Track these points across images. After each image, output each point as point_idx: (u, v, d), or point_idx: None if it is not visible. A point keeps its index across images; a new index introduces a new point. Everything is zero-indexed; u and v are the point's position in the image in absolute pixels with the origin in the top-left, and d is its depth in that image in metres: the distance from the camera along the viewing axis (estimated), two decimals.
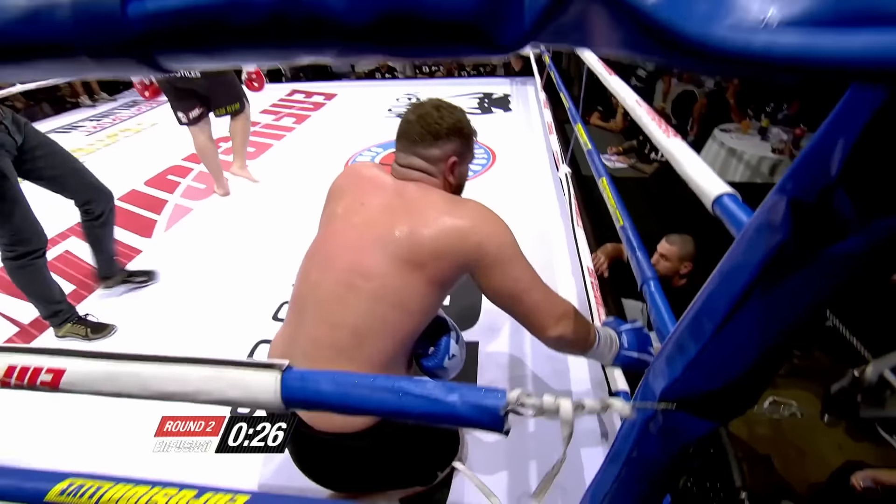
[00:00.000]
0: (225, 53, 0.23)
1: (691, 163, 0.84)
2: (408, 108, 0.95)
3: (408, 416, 0.40)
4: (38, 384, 0.46)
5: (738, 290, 0.30)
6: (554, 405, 0.40)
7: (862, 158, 0.23)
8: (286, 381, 0.43)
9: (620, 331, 1.05)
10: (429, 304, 0.87)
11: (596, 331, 0.97)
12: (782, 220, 0.27)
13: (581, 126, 1.96)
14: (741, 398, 0.37)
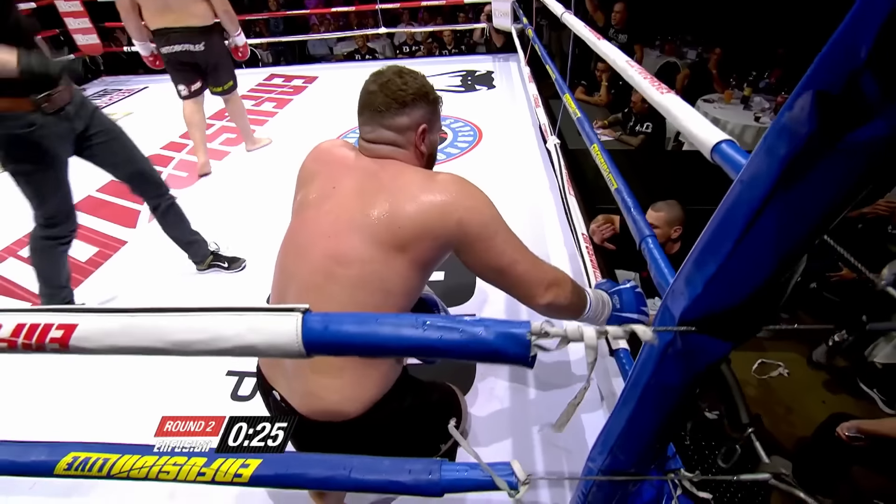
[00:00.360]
0: None
1: (687, 115, 0.85)
2: (368, 78, 0.89)
3: (434, 349, 0.41)
4: (48, 342, 0.45)
5: (760, 196, 0.31)
6: (578, 332, 0.41)
7: (890, 39, 0.23)
8: (307, 323, 0.43)
9: (612, 292, 1.07)
10: (412, 286, 0.84)
11: (588, 294, 0.98)
12: (808, 114, 0.27)
13: (569, 95, 1.95)
14: (759, 314, 0.38)
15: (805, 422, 2.10)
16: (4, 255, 2.41)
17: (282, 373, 0.88)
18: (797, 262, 0.33)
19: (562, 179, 2.01)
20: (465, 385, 1.43)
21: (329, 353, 0.43)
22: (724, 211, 0.35)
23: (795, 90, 0.28)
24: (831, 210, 0.30)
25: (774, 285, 0.35)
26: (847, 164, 0.27)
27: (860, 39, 0.24)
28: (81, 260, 2.33)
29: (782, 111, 0.30)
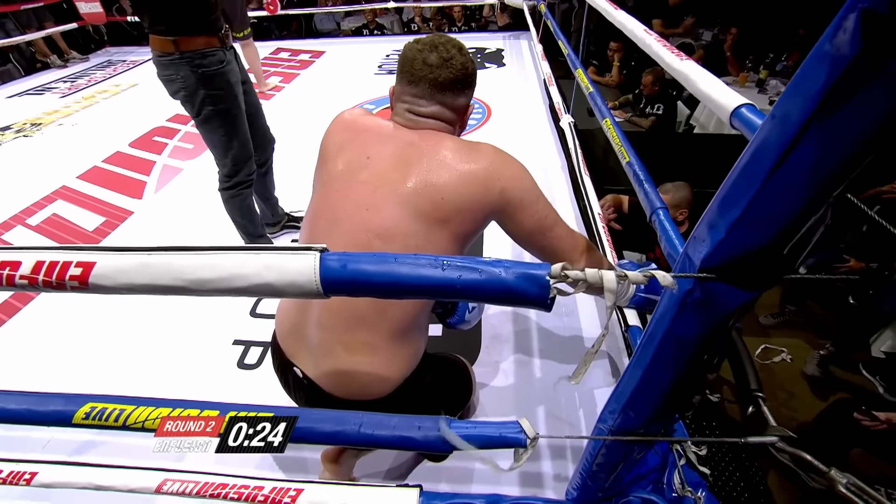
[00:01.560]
0: None
1: (706, 81, 0.83)
2: (419, 47, 0.82)
3: (453, 289, 0.41)
4: (67, 280, 0.45)
5: (794, 127, 0.30)
6: (597, 276, 0.40)
7: None
8: (325, 261, 0.42)
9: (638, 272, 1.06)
10: None
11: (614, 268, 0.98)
12: (851, 36, 0.26)
13: (582, 70, 1.92)
14: (781, 260, 0.38)
15: (806, 407, 2.11)
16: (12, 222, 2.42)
17: (306, 349, 0.86)
18: (826, 201, 0.33)
19: (577, 158, 1.99)
20: (472, 357, 1.44)
21: (347, 292, 0.43)
22: (752, 150, 0.34)
23: (840, 12, 0.27)
24: (867, 146, 0.29)
25: (800, 227, 0.35)
26: (890, 93, 0.27)
27: None
28: (88, 229, 2.34)
29: (824, 38, 0.29)
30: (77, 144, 3.23)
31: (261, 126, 1.78)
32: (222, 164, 1.63)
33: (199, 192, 2.58)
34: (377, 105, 3.46)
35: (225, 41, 1.45)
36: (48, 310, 1.79)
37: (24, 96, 4.22)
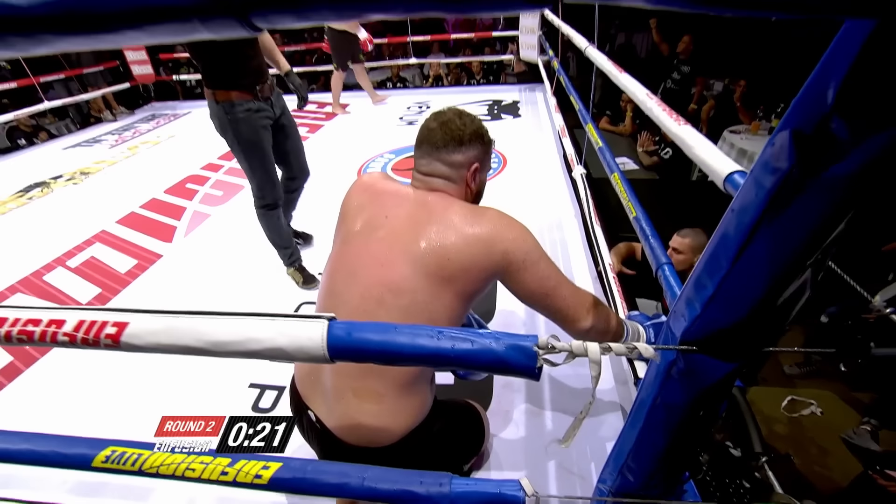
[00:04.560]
0: (313, 13, 0.28)
1: (702, 146, 0.88)
2: (429, 117, 0.95)
3: (447, 358, 0.44)
4: (103, 338, 0.50)
5: (750, 222, 0.34)
6: (581, 347, 0.43)
7: (854, 86, 0.26)
8: (332, 330, 0.47)
9: (647, 325, 1.07)
10: (456, 315, 0.86)
11: (624, 322, 0.99)
12: (787, 152, 0.30)
13: (592, 126, 2.00)
14: (757, 335, 0.40)
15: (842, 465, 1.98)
16: (54, 264, 2.57)
17: (321, 393, 0.90)
18: (788, 285, 0.35)
19: (589, 209, 2.04)
20: (483, 405, 1.43)
21: (351, 358, 0.47)
22: (718, 238, 0.38)
23: (776, 129, 0.31)
24: (815, 237, 0.32)
25: (770, 306, 0.38)
26: (825, 196, 0.30)
27: (828, 86, 0.27)
28: (121, 271, 2.46)
29: (765, 147, 0.33)
30: (119, 191, 3.46)
31: (298, 160, 2.09)
32: (252, 187, 1.96)
33: (224, 237, 2.71)
34: (398, 154, 3.62)
35: (258, 94, 1.75)
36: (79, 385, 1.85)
37: (78, 148, 4.59)
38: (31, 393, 1.72)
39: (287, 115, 1.94)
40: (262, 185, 1.93)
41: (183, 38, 0.30)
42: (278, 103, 1.88)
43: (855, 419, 2.12)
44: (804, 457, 2.01)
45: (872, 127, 0.26)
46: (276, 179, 1.97)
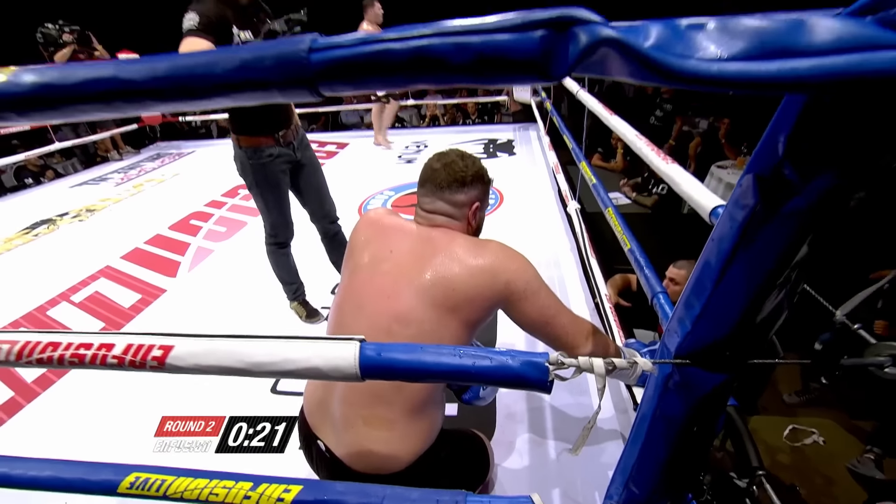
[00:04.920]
0: (367, 84, 0.35)
1: (688, 183, 0.96)
2: (432, 157, 1.01)
3: (468, 374, 0.49)
4: (149, 360, 0.55)
5: (727, 250, 0.40)
6: (588, 363, 0.48)
7: (796, 140, 0.34)
8: (364, 350, 0.52)
9: (644, 351, 1.11)
10: (462, 343, 0.89)
11: (621, 349, 1.04)
12: (752, 192, 0.37)
13: (585, 163, 2.11)
14: (742, 347, 0.46)
15: (847, 494, 1.98)
16: (58, 299, 2.59)
17: (330, 423, 0.92)
18: (764, 302, 0.42)
19: (584, 243, 2.12)
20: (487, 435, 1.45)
21: (381, 376, 0.51)
22: (702, 263, 0.44)
23: (742, 173, 0.38)
24: (781, 260, 0.39)
25: (751, 322, 0.43)
26: (785, 226, 0.37)
27: (779, 140, 0.35)
28: (125, 306, 2.49)
29: (735, 188, 0.40)
30: (124, 227, 3.52)
31: (317, 198, 2.10)
32: (265, 225, 2.02)
33: (228, 273, 2.76)
34: (396, 191, 3.73)
35: (280, 139, 1.81)
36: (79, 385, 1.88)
37: (84, 186, 4.70)
38: None
39: (308, 154, 2.00)
40: (275, 224, 1.99)
41: (261, 102, 0.37)
42: (301, 145, 1.94)
43: (857, 447, 2.13)
44: (809, 487, 2.00)
45: (814, 172, 0.33)
46: (290, 220, 2.03)
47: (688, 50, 0.30)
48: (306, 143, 1.99)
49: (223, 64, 0.34)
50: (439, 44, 0.32)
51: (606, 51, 0.31)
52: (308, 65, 0.34)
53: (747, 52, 0.29)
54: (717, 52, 0.30)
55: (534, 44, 0.31)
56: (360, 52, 0.33)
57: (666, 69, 0.30)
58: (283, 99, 0.36)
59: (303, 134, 1.97)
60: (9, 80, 0.37)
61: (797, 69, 0.28)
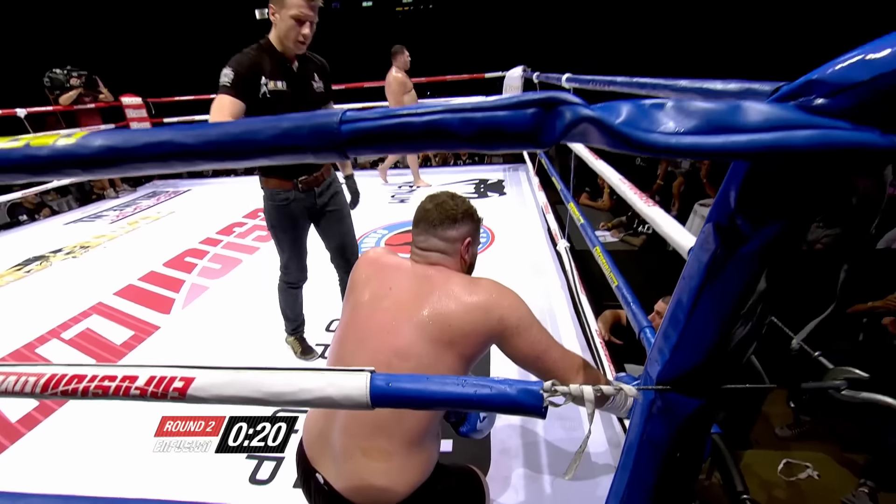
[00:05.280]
0: (388, 150, 0.42)
1: (668, 224, 1.04)
2: (424, 199, 1.08)
3: (470, 402, 0.53)
4: (171, 391, 0.59)
5: (696, 287, 0.47)
6: (579, 390, 0.53)
7: (744, 195, 0.41)
8: (374, 381, 0.56)
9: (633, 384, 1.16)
10: None
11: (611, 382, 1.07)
12: (713, 237, 0.44)
13: (573, 204, 2.21)
14: (717, 373, 0.52)
15: None
16: (48, 336, 2.57)
17: (330, 456, 0.94)
18: (731, 331, 0.47)
19: (574, 280, 2.19)
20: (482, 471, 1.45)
21: (390, 405, 0.56)
22: (676, 299, 0.50)
23: (705, 220, 0.45)
24: (743, 294, 0.45)
25: (722, 350, 0.49)
26: (742, 266, 0.43)
27: (731, 194, 0.42)
28: (117, 343, 2.47)
29: (699, 234, 0.46)
30: (118, 264, 3.53)
31: (338, 247, 2.11)
32: (280, 263, 2.06)
33: (223, 309, 2.77)
34: (390, 230, 3.81)
35: (298, 185, 1.84)
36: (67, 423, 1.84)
37: (79, 223, 4.71)
38: None
39: (336, 201, 2.00)
40: (287, 264, 2.03)
41: (295, 161, 0.44)
42: (328, 192, 1.95)
43: (852, 481, 2.14)
44: None
45: (761, 222, 0.40)
46: (304, 264, 2.06)
47: (651, 125, 0.38)
48: (335, 188, 1.99)
49: (266, 132, 0.41)
50: (449, 118, 0.39)
51: (586, 126, 0.38)
52: (339, 134, 0.41)
53: (698, 127, 0.37)
54: (675, 127, 0.37)
55: (527, 119, 0.39)
56: (383, 125, 0.40)
57: (634, 141, 0.37)
58: (315, 160, 0.43)
59: (331, 180, 1.97)
60: (78, 142, 0.43)
61: (737, 142, 0.36)
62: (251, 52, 1.61)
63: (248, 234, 4.01)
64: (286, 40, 1.60)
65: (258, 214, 4.49)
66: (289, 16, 1.55)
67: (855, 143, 0.36)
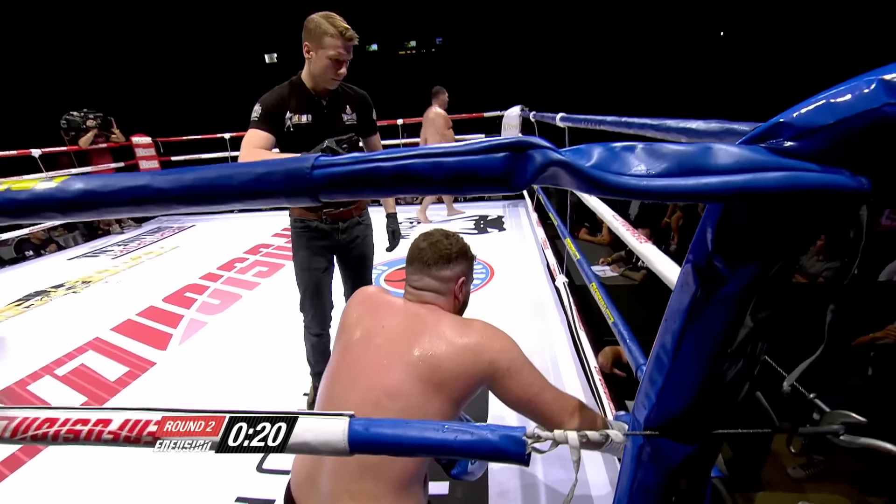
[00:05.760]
0: (361, 194, 0.42)
1: (660, 260, 1.03)
2: (418, 237, 1.09)
3: (451, 448, 0.51)
4: (144, 435, 0.57)
5: (678, 329, 0.46)
6: (563, 436, 0.51)
7: (720, 238, 0.40)
8: (352, 426, 0.54)
9: None
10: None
11: (609, 423, 1.04)
12: (693, 278, 0.43)
13: (570, 240, 2.21)
14: (705, 418, 0.50)
15: None
16: (41, 373, 2.53)
17: (317, 499, 0.91)
18: (719, 372, 0.46)
19: (573, 316, 2.16)
20: None
21: (369, 451, 0.53)
22: (659, 342, 0.49)
23: (684, 262, 0.45)
24: (726, 334, 0.44)
25: (710, 392, 0.47)
26: (722, 307, 0.43)
27: (707, 237, 0.41)
28: (111, 379, 2.43)
29: (679, 275, 0.46)
30: (117, 299, 3.52)
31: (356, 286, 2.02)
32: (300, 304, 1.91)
33: (220, 346, 2.73)
34: (389, 266, 3.81)
35: (322, 217, 1.77)
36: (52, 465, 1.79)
37: (83, 258, 4.75)
38: None
39: (361, 246, 1.88)
40: (302, 306, 1.90)
41: (269, 205, 0.44)
42: (354, 230, 1.83)
43: None
44: None
45: (738, 262, 0.40)
46: (322, 309, 1.90)
47: (622, 168, 0.38)
48: (363, 231, 1.88)
49: (239, 177, 0.42)
50: (419, 163, 0.40)
51: (556, 170, 0.38)
52: (311, 179, 0.41)
53: (669, 170, 0.37)
54: (646, 170, 0.38)
55: (498, 163, 0.39)
56: (355, 170, 0.40)
57: (604, 184, 0.37)
58: (288, 204, 0.43)
59: (361, 219, 1.86)
60: (58, 186, 0.44)
61: (708, 185, 0.36)
62: (279, 89, 1.65)
63: (248, 269, 4.02)
64: (321, 78, 1.61)
65: (259, 250, 4.52)
66: (326, 56, 1.55)
67: (824, 184, 0.36)
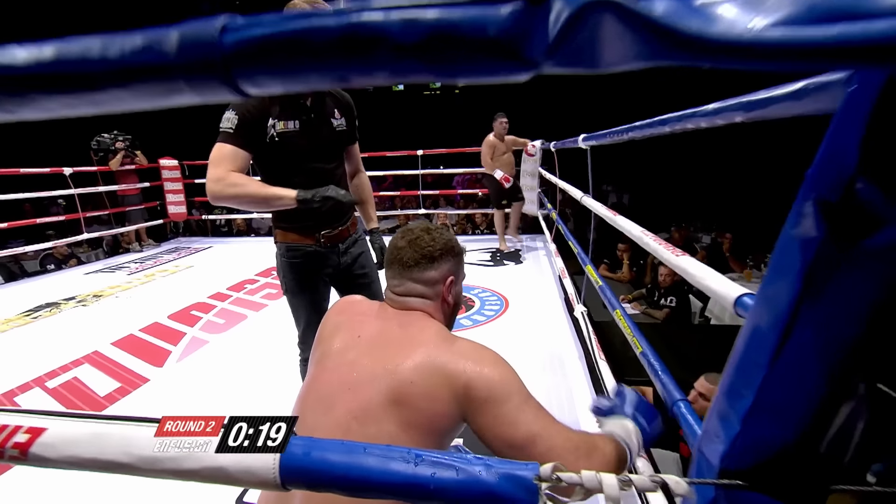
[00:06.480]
0: (293, 75, 0.28)
1: (706, 274, 0.85)
2: (395, 235, 0.93)
3: (423, 489, 0.34)
4: (9, 447, 0.41)
5: (786, 309, 0.28)
6: (595, 480, 0.34)
7: (873, 145, 0.24)
8: (289, 447, 0.38)
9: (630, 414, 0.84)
10: None
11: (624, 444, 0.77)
12: (815, 223, 0.27)
13: (591, 267, 2.03)
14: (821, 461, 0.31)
15: None
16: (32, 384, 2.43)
17: None
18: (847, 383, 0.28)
19: (592, 347, 1.95)
20: None
21: (307, 483, 0.37)
22: (749, 331, 0.32)
23: (795, 202, 0.28)
24: (872, 316, 0.27)
25: (826, 417, 0.30)
26: (871, 267, 0.26)
27: (846, 150, 0.25)
28: (100, 394, 2.31)
29: (786, 226, 0.29)
30: (124, 314, 3.46)
31: None
32: (297, 334, 1.70)
33: (218, 365, 2.60)
34: None
35: (320, 240, 1.54)
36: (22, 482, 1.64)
37: (99, 273, 4.76)
38: None
39: (362, 264, 1.68)
40: (304, 337, 1.68)
41: (170, 102, 0.30)
42: (352, 250, 1.65)
43: None
44: None
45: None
46: None
47: (713, 8, 0.22)
48: (361, 247, 1.68)
49: (121, 45, 0.28)
50: (382, 20, 0.26)
51: (599, 19, 0.23)
52: (220, 47, 0.27)
53: (794, 15, 0.21)
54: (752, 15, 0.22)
55: (503, 18, 0.24)
56: (284, 30, 0.26)
57: (685, 37, 0.22)
58: (192, 94, 0.29)
59: (357, 237, 1.68)
60: None
61: (869, 32, 0.20)
62: None
63: (258, 291, 3.93)
64: None
65: (271, 273, 4.44)
66: None
67: None
